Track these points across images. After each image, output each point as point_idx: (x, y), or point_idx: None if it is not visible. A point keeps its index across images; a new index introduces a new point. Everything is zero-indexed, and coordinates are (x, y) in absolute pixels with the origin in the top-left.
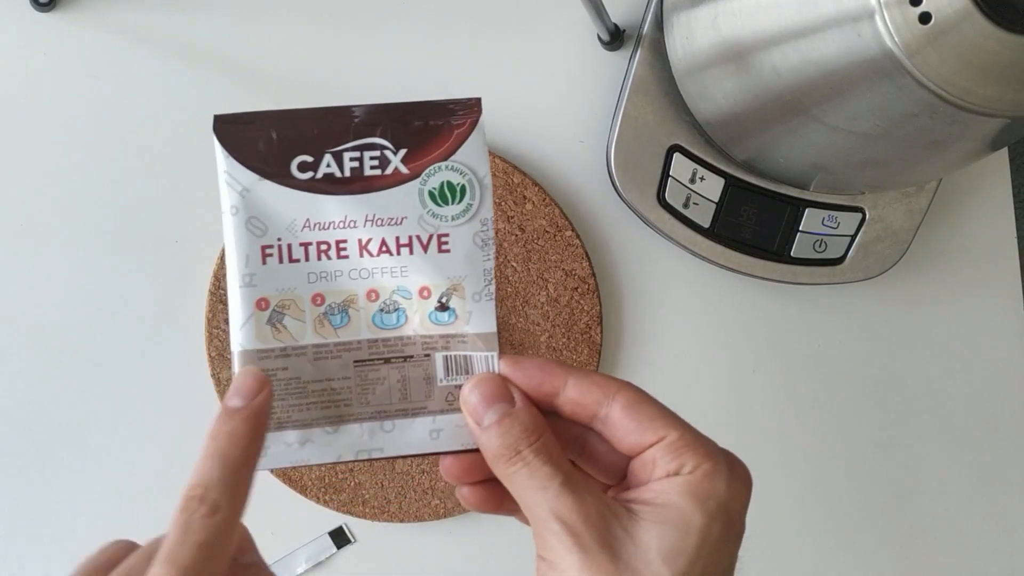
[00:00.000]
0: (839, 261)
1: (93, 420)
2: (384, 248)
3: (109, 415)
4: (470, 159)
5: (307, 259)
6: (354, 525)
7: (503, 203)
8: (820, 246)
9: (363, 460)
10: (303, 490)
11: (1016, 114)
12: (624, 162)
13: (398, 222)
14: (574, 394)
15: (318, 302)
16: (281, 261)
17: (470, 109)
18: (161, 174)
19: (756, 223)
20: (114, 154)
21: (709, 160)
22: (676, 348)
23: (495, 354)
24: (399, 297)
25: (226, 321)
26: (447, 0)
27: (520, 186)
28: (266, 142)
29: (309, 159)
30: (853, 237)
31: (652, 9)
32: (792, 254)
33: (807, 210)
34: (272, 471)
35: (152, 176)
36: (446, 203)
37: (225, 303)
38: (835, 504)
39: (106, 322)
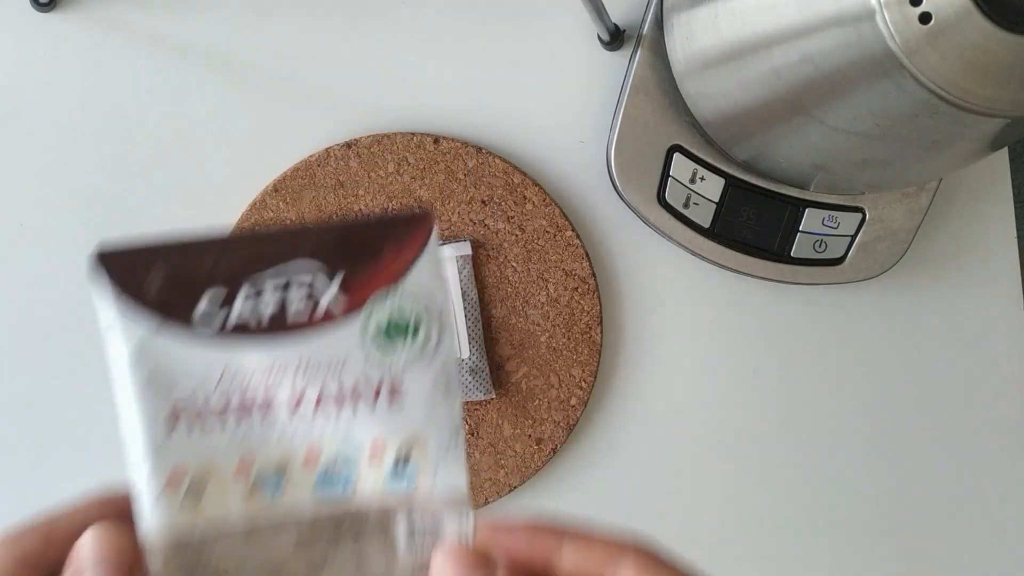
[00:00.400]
0: (839, 261)
1: (92, 419)
2: (322, 401)
3: (109, 414)
4: (423, 284)
5: (228, 419)
6: None
7: (503, 203)
8: (820, 246)
9: None
10: None
11: (1016, 114)
12: (624, 162)
13: (338, 368)
14: (572, 560)
15: (245, 470)
16: (195, 424)
17: (420, 222)
18: (161, 174)
19: (756, 223)
20: (114, 154)
21: (709, 160)
22: (676, 348)
23: (469, 516)
24: (345, 459)
25: None
26: (447, 1)
27: (520, 186)
28: (167, 278)
29: (222, 295)
30: (853, 237)
31: (652, 9)
32: (792, 254)
33: (807, 210)
34: None
35: (152, 176)
36: (396, 342)
37: None
38: (834, 503)
39: None
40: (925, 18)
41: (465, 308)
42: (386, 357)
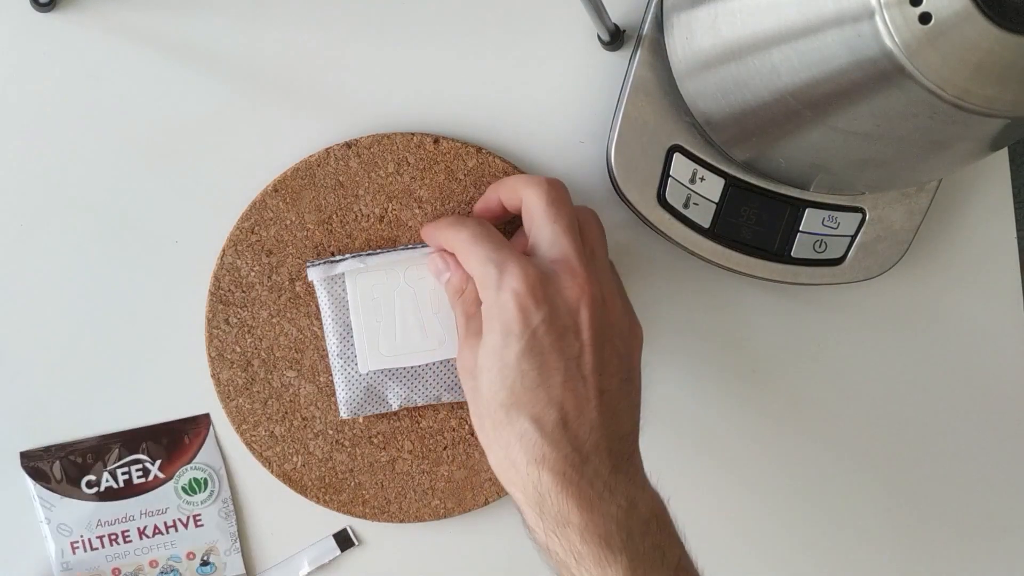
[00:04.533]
0: (839, 261)
1: (93, 420)
2: (156, 530)
3: (109, 415)
4: (208, 459)
5: (103, 546)
6: (353, 525)
7: None
8: (820, 246)
9: None
10: (303, 490)
11: (1016, 114)
12: (624, 162)
13: (163, 511)
14: (506, 201)
15: (116, 574)
16: (85, 550)
17: (202, 423)
18: (161, 174)
19: (756, 223)
20: (114, 154)
21: (709, 160)
22: (676, 348)
23: None
24: (172, 562)
25: (226, 321)
26: (447, 1)
27: None
28: (58, 470)
29: (93, 478)
30: (853, 237)
31: (652, 9)
32: (792, 254)
33: (807, 210)
34: (272, 469)
35: (152, 176)
36: (195, 493)
37: (225, 303)
38: (834, 504)
39: (106, 322)
40: (925, 18)
41: None
42: (190, 502)
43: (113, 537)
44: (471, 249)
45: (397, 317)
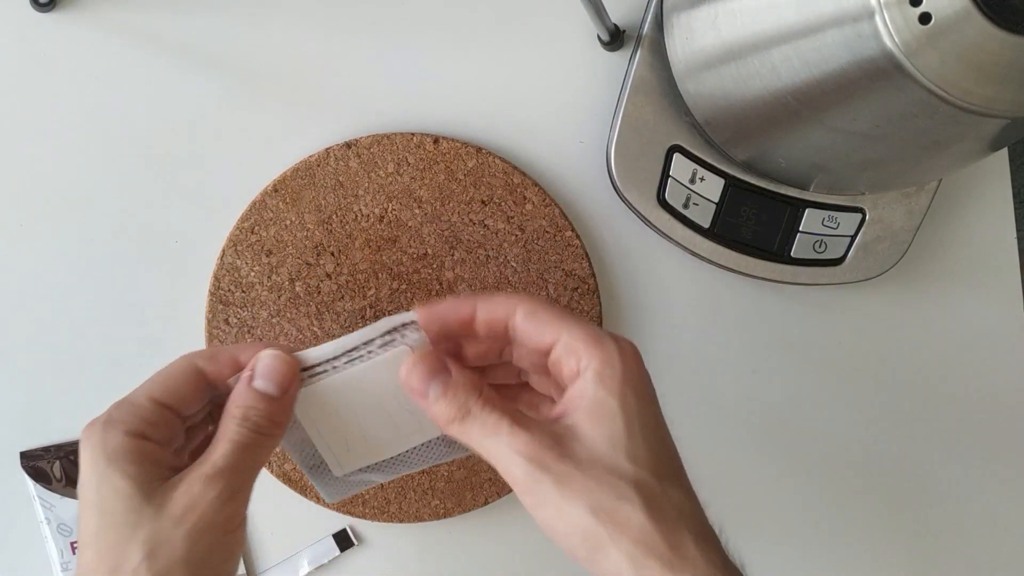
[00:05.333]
0: (839, 261)
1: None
2: None
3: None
4: None
5: None
6: (353, 525)
7: (503, 203)
8: (820, 246)
9: None
10: (303, 491)
11: (1016, 114)
12: (624, 162)
13: None
14: (484, 314)
15: None
16: None
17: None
18: (161, 174)
19: (756, 223)
20: (114, 154)
21: (709, 160)
22: (676, 348)
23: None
24: None
25: (226, 321)
26: (447, 1)
27: (520, 186)
28: (58, 470)
29: None
30: (853, 237)
31: (652, 9)
32: (792, 254)
33: (807, 210)
34: (272, 469)
35: (152, 176)
36: None
37: (225, 303)
38: (835, 503)
39: (106, 322)
40: (925, 18)
41: None
42: None
43: None
44: (557, 314)
45: (358, 418)
